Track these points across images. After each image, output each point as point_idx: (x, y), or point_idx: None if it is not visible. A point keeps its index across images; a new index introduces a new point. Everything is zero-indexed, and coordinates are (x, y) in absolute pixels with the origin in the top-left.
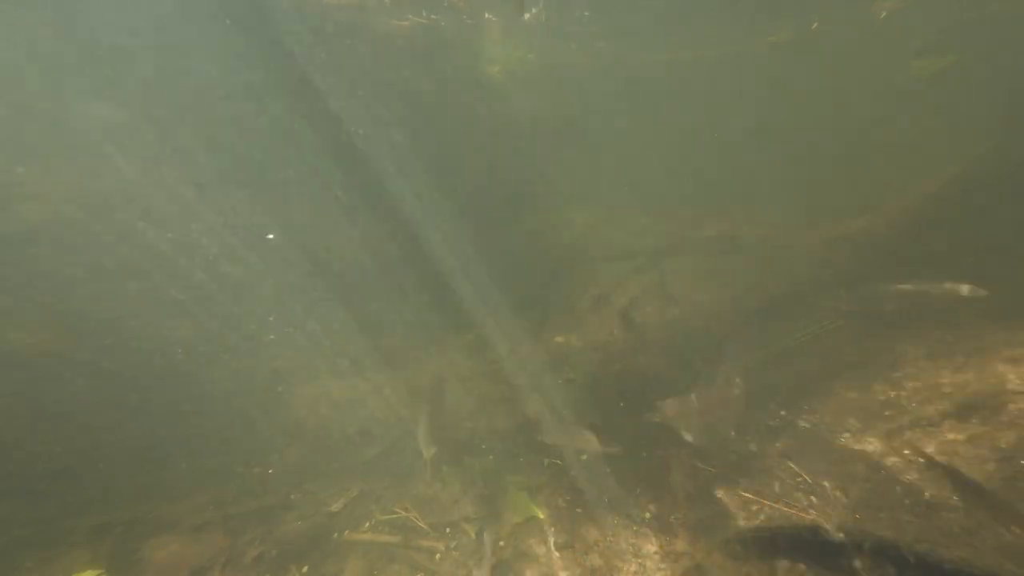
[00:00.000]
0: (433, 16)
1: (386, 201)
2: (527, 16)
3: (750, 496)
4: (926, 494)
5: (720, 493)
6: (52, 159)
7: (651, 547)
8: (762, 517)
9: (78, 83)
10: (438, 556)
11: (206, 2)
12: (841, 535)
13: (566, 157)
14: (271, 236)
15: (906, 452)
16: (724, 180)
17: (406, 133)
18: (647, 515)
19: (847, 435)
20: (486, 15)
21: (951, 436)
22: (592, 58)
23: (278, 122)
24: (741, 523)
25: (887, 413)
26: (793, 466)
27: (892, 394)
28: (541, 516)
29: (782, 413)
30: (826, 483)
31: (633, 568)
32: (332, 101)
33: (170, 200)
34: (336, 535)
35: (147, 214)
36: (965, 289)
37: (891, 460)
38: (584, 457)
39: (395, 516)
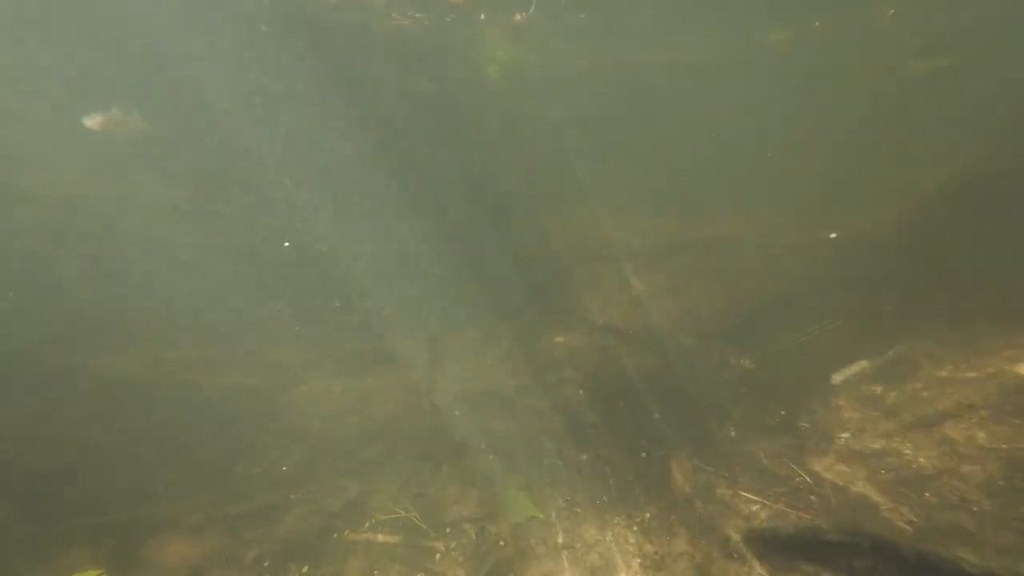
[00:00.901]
0: (428, 16)
1: (384, 202)
2: (519, 17)
3: (750, 496)
4: (925, 494)
5: (720, 493)
6: (54, 161)
7: (651, 547)
8: (762, 517)
9: (95, 87)
10: (438, 556)
11: (218, 4)
12: (841, 535)
13: (565, 157)
14: (287, 244)
15: (906, 452)
16: (724, 180)
17: (404, 134)
18: (647, 515)
19: (847, 435)
20: (482, 16)
21: (951, 435)
22: (591, 58)
23: (286, 125)
24: (741, 523)
25: (887, 413)
26: (793, 466)
27: (892, 394)
28: (541, 516)
29: (782, 413)
30: (826, 483)
31: (634, 568)
32: (335, 102)
33: (175, 200)
34: (336, 535)
35: (151, 214)
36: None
37: (891, 460)
38: (584, 457)
39: (395, 516)
